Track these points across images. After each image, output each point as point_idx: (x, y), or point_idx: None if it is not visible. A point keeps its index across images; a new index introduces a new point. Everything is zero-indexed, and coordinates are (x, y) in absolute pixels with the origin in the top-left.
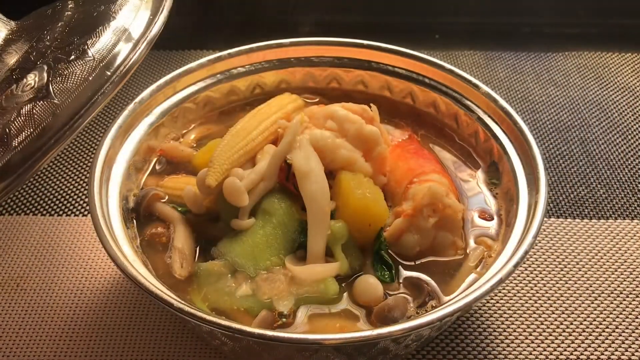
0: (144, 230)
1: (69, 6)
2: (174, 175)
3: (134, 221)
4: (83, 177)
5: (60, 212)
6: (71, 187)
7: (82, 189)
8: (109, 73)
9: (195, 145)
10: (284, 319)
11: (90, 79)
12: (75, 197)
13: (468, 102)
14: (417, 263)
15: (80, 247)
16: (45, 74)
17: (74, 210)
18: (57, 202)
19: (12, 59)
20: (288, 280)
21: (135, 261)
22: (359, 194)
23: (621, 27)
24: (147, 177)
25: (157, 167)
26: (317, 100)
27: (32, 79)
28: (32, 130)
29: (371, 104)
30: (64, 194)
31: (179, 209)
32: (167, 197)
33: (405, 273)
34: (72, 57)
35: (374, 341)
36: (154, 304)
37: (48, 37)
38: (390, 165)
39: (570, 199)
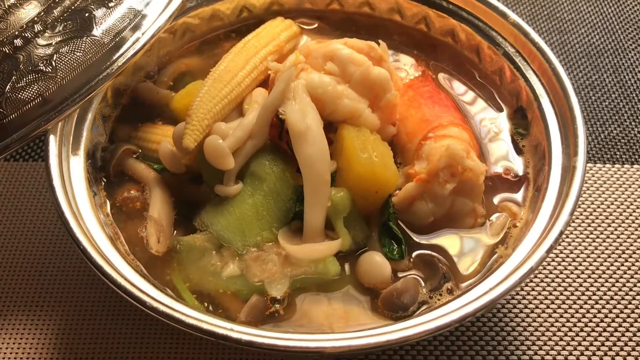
0: (114, 193)
1: None
2: (149, 123)
3: (103, 183)
4: None
5: (17, 157)
6: None
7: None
8: (114, 57)
9: (172, 84)
10: (277, 305)
11: (95, 59)
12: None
13: (493, 33)
14: (430, 236)
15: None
16: (53, 46)
17: (32, 153)
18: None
19: (25, 18)
20: (282, 260)
21: (102, 240)
22: (365, 158)
23: None
24: (116, 126)
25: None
26: (315, 25)
27: (41, 45)
28: (33, 98)
29: (380, 41)
30: None
31: (155, 166)
32: (140, 152)
33: (417, 249)
34: (81, 32)
35: (381, 349)
36: None
37: (63, 4)
38: (401, 113)
39: (600, 139)
